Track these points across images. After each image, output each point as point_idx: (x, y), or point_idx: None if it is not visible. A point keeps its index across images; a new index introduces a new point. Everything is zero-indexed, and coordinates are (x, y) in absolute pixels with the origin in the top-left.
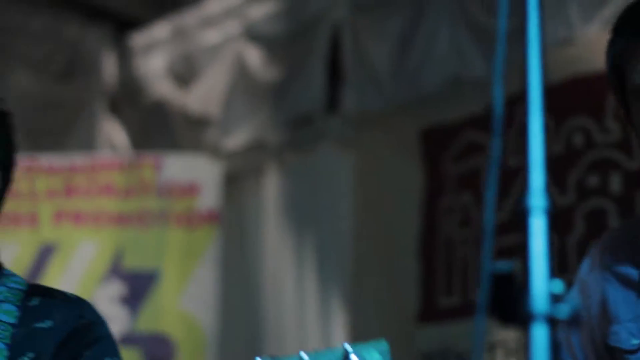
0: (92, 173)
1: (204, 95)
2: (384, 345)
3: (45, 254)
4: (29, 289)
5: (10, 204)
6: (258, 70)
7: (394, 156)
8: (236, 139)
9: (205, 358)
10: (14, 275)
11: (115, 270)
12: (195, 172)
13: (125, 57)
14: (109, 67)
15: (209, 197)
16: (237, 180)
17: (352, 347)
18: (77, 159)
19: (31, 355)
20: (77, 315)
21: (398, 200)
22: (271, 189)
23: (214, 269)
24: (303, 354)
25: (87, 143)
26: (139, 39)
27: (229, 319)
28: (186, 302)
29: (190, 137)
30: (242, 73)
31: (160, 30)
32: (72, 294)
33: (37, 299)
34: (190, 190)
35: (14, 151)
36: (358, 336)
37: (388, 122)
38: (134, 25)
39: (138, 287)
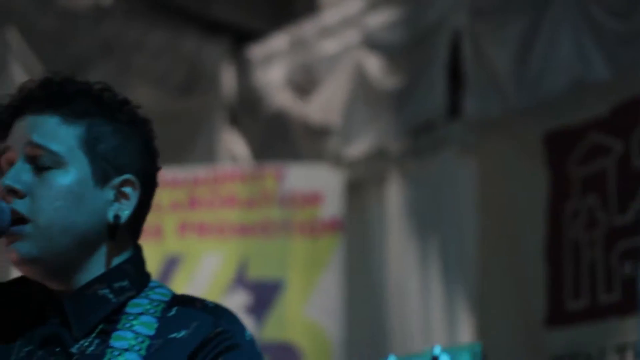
0: (215, 185)
1: (324, 105)
2: (477, 347)
3: (170, 266)
4: (172, 299)
5: None
6: (378, 78)
7: (517, 161)
8: (357, 148)
9: None
10: (160, 286)
11: (240, 280)
12: (317, 181)
13: (244, 69)
14: (228, 79)
15: (332, 206)
16: (360, 188)
17: (444, 349)
18: (200, 172)
19: None
20: (211, 323)
21: (522, 204)
22: (393, 196)
23: (338, 276)
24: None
25: (209, 155)
26: (257, 50)
27: (354, 327)
28: (311, 310)
29: (311, 147)
30: (362, 81)
31: (278, 41)
32: (212, 302)
33: (175, 309)
34: (313, 199)
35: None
36: (485, 341)
37: (510, 127)
38: (251, 37)
39: (263, 296)
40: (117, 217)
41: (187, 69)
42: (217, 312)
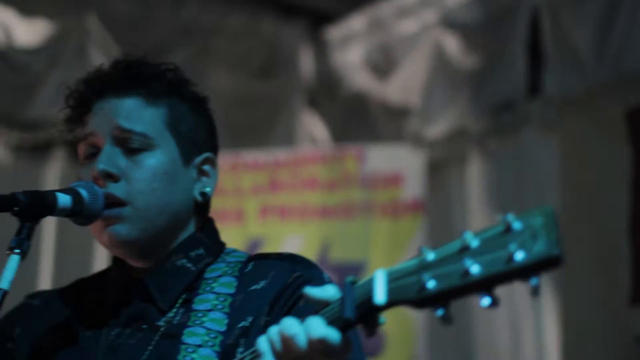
0: (296, 167)
1: (403, 85)
2: (549, 208)
3: (252, 249)
4: (248, 258)
5: (217, 201)
6: (457, 57)
7: (599, 137)
8: (437, 127)
9: (415, 349)
10: (235, 251)
11: (323, 262)
12: (398, 162)
13: (322, 51)
14: (306, 61)
15: (413, 186)
16: (440, 168)
17: (516, 216)
18: (281, 154)
19: (250, 319)
20: (289, 269)
21: (605, 181)
22: (474, 175)
23: None
24: (468, 233)
25: (288, 138)
26: (335, 32)
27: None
28: None
29: (391, 128)
30: (440, 61)
31: (356, 22)
32: (287, 253)
33: (252, 264)
34: (394, 180)
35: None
36: (570, 320)
37: (591, 103)
38: (329, 19)
39: (345, 278)
40: (203, 194)
41: (266, 52)
42: (293, 259)
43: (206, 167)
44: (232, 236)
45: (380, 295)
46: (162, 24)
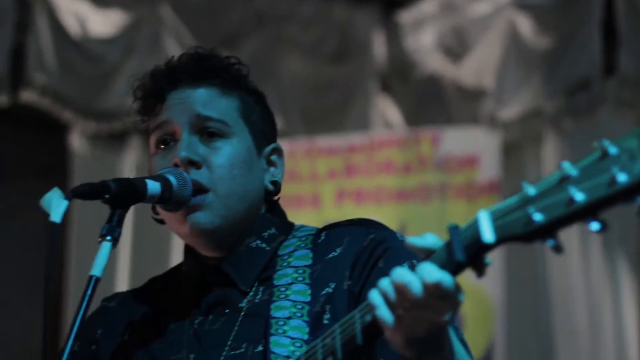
0: (371, 151)
1: (477, 67)
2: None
3: None
4: (318, 230)
5: (292, 187)
6: (530, 38)
7: None
8: (512, 109)
9: (493, 330)
10: (304, 226)
11: None
12: (473, 144)
13: (394, 35)
14: (379, 46)
15: (489, 168)
16: (515, 149)
17: (611, 141)
18: (355, 139)
19: (333, 285)
20: (363, 233)
21: None
22: (550, 156)
23: None
24: (566, 163)
25: (362, 122)
26: (407, 16)
27: (515, 290)
28: (472, 274)
29: (465, 110)
30: (514, 42)
31: (428, 5)
32: (357, 218)
33: (324, 234)
34: (469, 162)
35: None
36: None
37: None
38: (401, 3)
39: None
40: (275, 183)
41: (338, 37)
42: (365, 223)
43: (274, 157)
44: (309, 221)
45: (488, 234)
46: (235, 12)
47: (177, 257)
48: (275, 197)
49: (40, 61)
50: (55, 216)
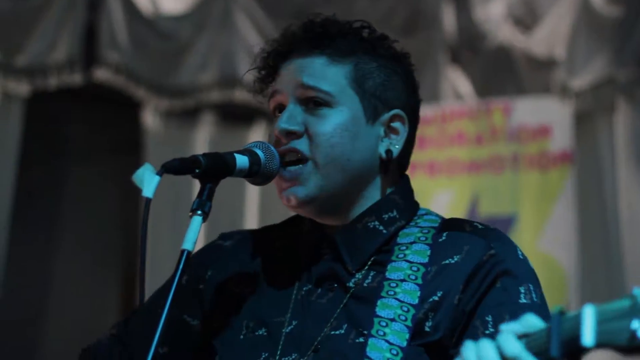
0: (442, 123)
1: (548, 37)
2: None
3: None
4: (441, 225)
5: None
6: (601, 6)
7: None
8: (584, 78)
9: (567, 298)
10: (429, 213)
11: (472, 216)
12: (545, 114)
13: (464, 6)
14: (448, 17)
15: (561, 138)
16: (588, 119)
17: None
18: (427, 111)
19: (440, 293)
20: (484, 246)
21: None
22: (622, 125)
23: (570, 209)
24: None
25: (433, 94)
26: None
27: (587, 258)
28: (545, 243)
29: (537, 80)
30: (585, 10)
31: None
32: (481, 224)
33: (446, 234)
34: (541, 132)
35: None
36: None
37: None
38: None
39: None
40: (388, 152)
41: (408, 10)
42: (488, 234)
43: (396, 125)
44: None
45: (588, 337)
46: None
47: (251, 221)
48: (401, 169)
49: (113, 40)
50: (148, 192)
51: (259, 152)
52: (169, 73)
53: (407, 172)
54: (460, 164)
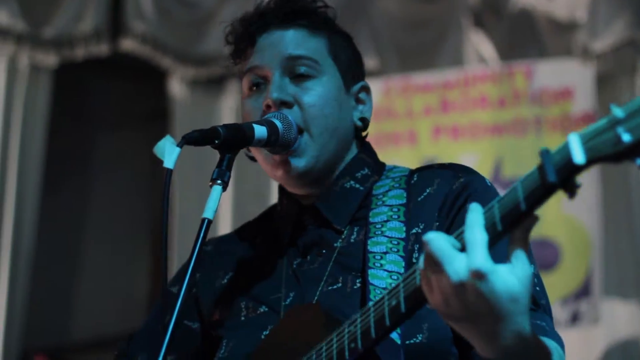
0: (466, 87)
1: (569, 0)
2: None
3: None
4: (410, 171)
5: (389, 124)
6: None
7: None
8: (605, 40)
9: (590, 260)
10: (396, 167)
11: (496, 179)
12: (567, 76)
13: None
14: None
15: (583, 100)
16: (610, 81)
17: None
18: (450, 75)
19: (422, 225)
20: (452, 176)
21: None
22: None
23: (592, 171)
24: (614, 107)
25: (456, 58)
26: None
27: (610, 220)
28: (568, 206)
29: (559, 43)
30: None
31: None
32: (447, 162)
33: (416, 175)
34: (563, 94)
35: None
36: None
37: None
38: None
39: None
40: (363, 119)
41: None
42: (454, 167)
43: (362, 95)
44: (406, 157)
45: (578, 156)
46: None
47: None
48: (364, 134)
49: (138, 9)
50: (169, 162)
51: (277, 122)
52: (195, 42)
53: (430, 137)
54: (483, 127)
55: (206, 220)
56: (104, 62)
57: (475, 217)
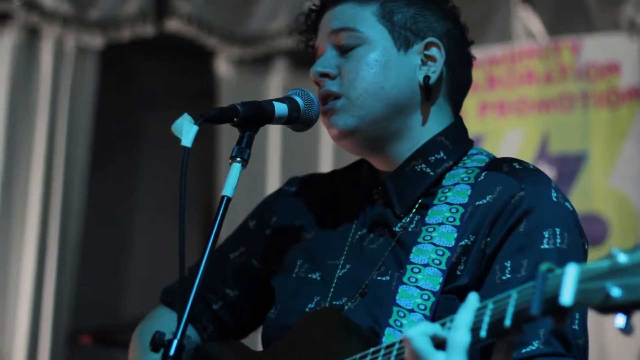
0: (512, 63)
1: None
2: None
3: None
4: (486, 165)
5: None
6: None
7: None
8: None
9: (638, 234)
10: (480, 153)
11: (543, 155)
12: (614, 50)
13: None
14: None
15: (630, 74)
16: None
17: None
18: (497, 51)
19: (472, 237)
20: (515, 187)
21: None
22: None
23: (638, 145)
24: (617, 252)
25: (504, 34)
26: None
27: None
28: (615, 180)
29: (606, 17)
30: None
31: None
32: (523, 165)
33: (485, 173)
34: (610, 69)
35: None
36: None
37: None
38: None
39: (567, 169)
40: (426, 77)
41: None
42: (523, 175)
43: (432, 52)
44: None
45: (567, 296)
46: None
47: (326, 161)
48: (453, 102)
49: None
50: (186, 141)
51: (298, 99)
52: (240, 21)
53: (477, 113)
54: (530, 103)
55: (225, 198)
56: (149, 43)
57: (464, 317)
